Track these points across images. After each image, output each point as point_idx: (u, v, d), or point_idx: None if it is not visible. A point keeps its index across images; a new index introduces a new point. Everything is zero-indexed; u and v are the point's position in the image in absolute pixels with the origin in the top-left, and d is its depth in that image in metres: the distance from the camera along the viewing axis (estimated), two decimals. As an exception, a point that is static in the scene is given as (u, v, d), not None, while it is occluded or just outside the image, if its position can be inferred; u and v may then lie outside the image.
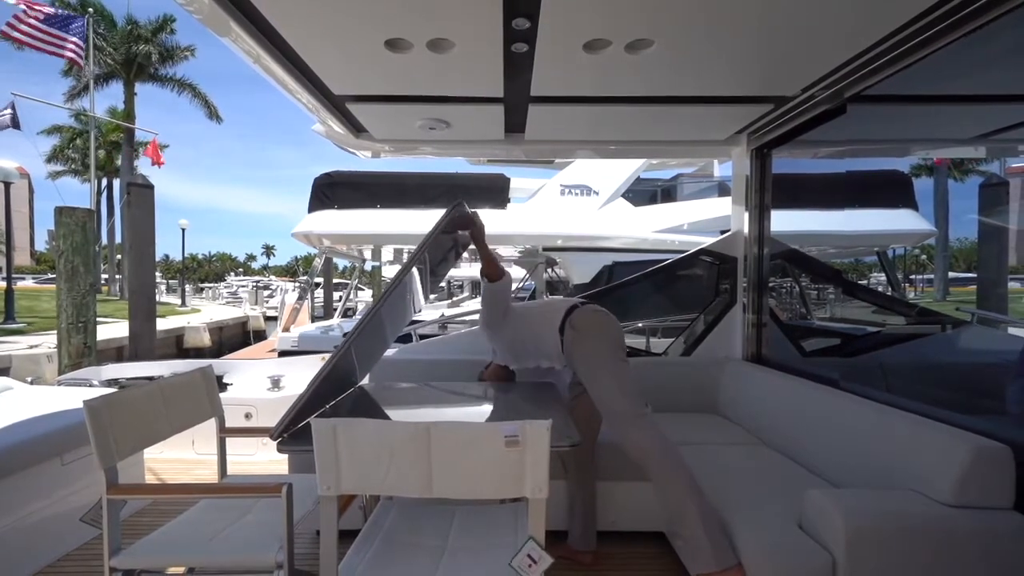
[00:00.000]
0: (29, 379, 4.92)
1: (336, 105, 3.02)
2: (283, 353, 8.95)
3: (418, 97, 2.87)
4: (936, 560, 1.69)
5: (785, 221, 3.62)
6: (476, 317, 9.14)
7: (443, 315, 11.20)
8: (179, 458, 4.02)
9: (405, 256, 17.66)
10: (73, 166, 32.74)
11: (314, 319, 12.75)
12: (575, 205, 8.85)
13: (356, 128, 3.46)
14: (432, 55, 2.30)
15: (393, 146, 3.71)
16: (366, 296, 18.35)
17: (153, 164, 24.50)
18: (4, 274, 15.50)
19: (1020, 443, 1.75)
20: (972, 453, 1.71)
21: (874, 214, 4.53)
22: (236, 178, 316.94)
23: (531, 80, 2.60)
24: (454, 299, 19.26)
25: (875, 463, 2.06)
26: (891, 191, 4.17)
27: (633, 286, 4.17)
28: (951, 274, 3.42)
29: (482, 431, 1.51)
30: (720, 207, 8.37)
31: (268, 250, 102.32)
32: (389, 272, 18.26)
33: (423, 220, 8.79)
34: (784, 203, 3.59)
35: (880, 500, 1.81)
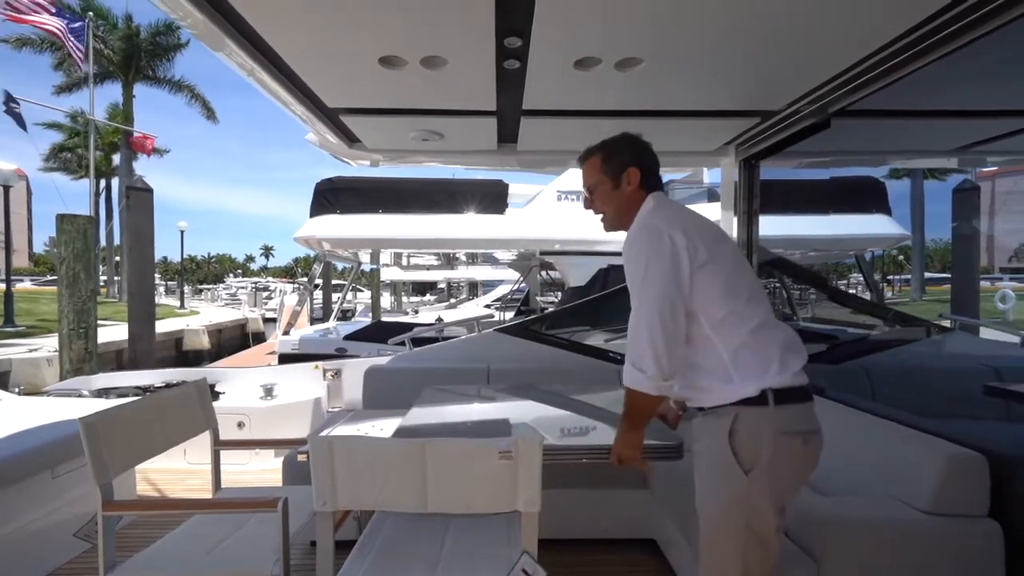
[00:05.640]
0: (17, 389, 4.94)
1: (330, 117, 3.06)
2: (283, 356, 8.98)
3: (411, 110, 2.91)
4: (915, 566, 1.75)
5: (768, 226, 3.69)
6: (474, 316, 9.16)
7: (439, 318, 11.24)
8: (171, 468, 3.99)
9: (404, 260, 17.78)
10: (68, 167, 32.69)
11: (313, 321, 12.79)
12: (572, 210, 8.96)
13: (349, 138, 3.50)
14: (425, 71, 2.34)
15: (386, 156, 3.75)
16: (364, 298, 18.40)
17: (140, 151, 24.79)
18: (3, 277, 15.51)
19: (995, 451, 1.80)
20: (947, 462, 1.77)
21: (851, 219, 4.63)
22: (236, 180, 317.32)
23: (523, 95, 2.65)
24: (452, 301, 19.35)
25: (860, 471, 2.11)
26: (867, 198, 4.25)
27: (627, 292, 4.23)
28: (926, 274, 3.50)
29: (475, 447, 1.56)
30: (710, 213, 8.44)
31: (267, 251, 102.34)
32: (387, 275, 18.37)
33: (425, 225, 8.86)
34: (767, 209, 3.65)
35: (862, 508, 1.86)
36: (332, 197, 8.87)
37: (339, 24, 1.96)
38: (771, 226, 3.87)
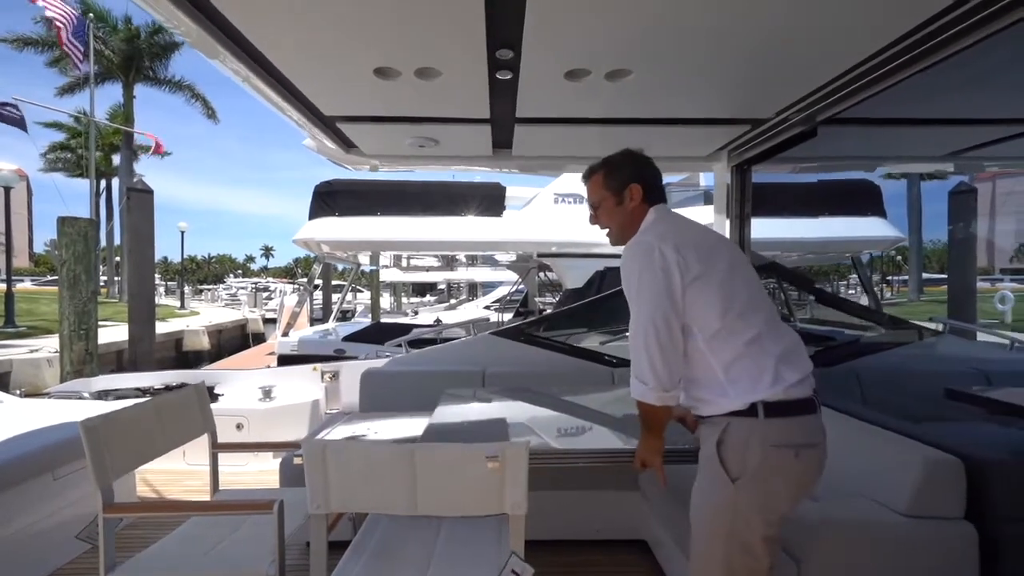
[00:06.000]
0: (18, 391, 4.99)
1: (326, 124, 3.11)
2: (282, 357, 9.03)
3: (407, 118, 2.96)
4: (893, 567, 1.80)
5: (765, 229, 3.74)
6: (471, 318, 9.20)
7: (438, 319, 11.29)
8: (170, 468, 4.01)
9: (404, 261, 17.80)
10: (67, 166, 32.75)
11: (313, 322, 12.84)
12: (568, 213, 9.04)
13: (347, 144, 3.55)
14: (420, 82, 2.39)
15: (382, 161, 3.80)
16: (364, 298, 18.47)
17: (154, 153, 24.83)
18: (4, 277, 15.57)
19: (971, 455, 1.85)
20: (925, 466, 1.82)
21: (846, 222, 4.67)
22: (237, 180, 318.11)
23: (516, 103, 2.69)
24: (452, 302, 19.41)
25: (843, 473, 2.15)
26: (862, 201, 4.29)
27: (622, 295, 4.27)
28: (925, 275, 3.54)
29: (463, 452, 1.61)
30: (705, 215, 8.53)
31: (267, 251, 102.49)
32: (387, 276, 18.41)
33: (423, 227, 8.92)
34: (764, 212, 3.70)
35: (842, 510, 1.91)
36: (330, 199, 8.92)
37: (334, 37, 2.00)
38: (768, 229, 3.91)
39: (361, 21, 1.86)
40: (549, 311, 8.06)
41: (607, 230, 1.86)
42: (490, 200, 8.93)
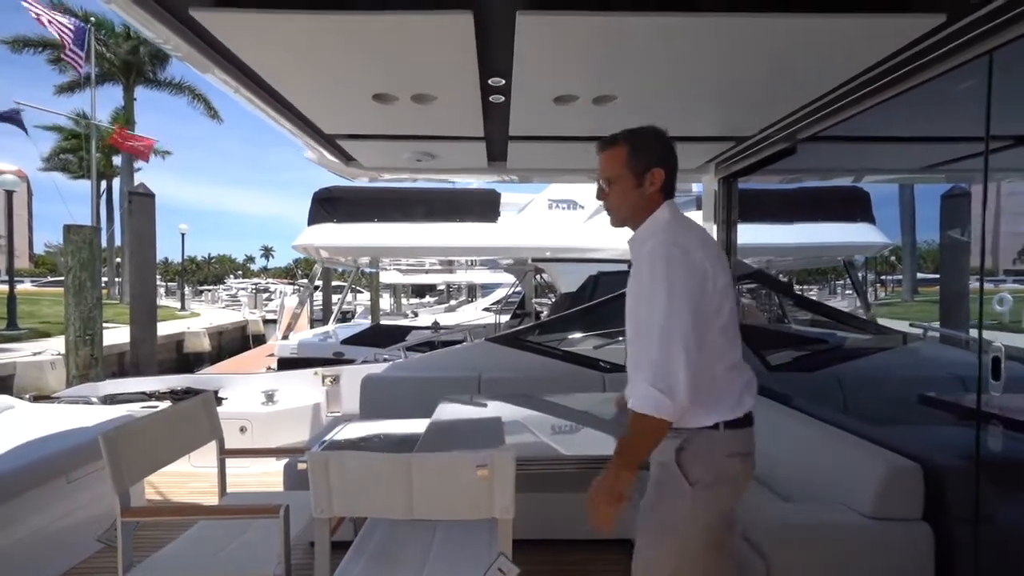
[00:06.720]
0: (28, 396, 5.10)
1: (327, 140, 3.24)
2: (282, 360, 9.15)
3: (404, 136, 3.09)
4: (856, 567, 1.93)
5: (755, 234, 3.86)
6: (472, 322, 9.26)
7: (436, 321, 11.42)
8: (176, 471, 4.06)
9: (404, 264, 17.89)
10: (68, 167, 32.82)
11: (313, 323, 12.96)
12: (563, 218, 9.14)
13: (346, 157, 3.68)
14: (417, 106, 2.52)
15: (381, 173, 3.94)
16: (365, 299, 18.60)
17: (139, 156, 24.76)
18: (6, 279, 15.66)
19: (929, 461, 1.99)
20: (887, 471, 1.96)
21: (836, 228, 4.80)
22: (238, 180, 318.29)
23: (509, 123, 2.82)
24: (452, 303, 19.54)
25: (814, 477, 2.29)
26: (851, 207, 4.41)
27: (617, 300, 4.38)
28: (920, 275, 3.65)
29: (455, 460, 1.74)
30: (698, 220, 8.55)
31: (267, 252, 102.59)
32: (387, 278, 18.53)
33: (420, 233, 9.03)
34: (754, 218, 3.83)
35: (809, 512, 2.05)
36: (329, 206, 9.00)
37: (335, 68, 2.13)
38: (760, 235, 4.04)
39: (360, 53, 1.99)
40: (541, 320, 8.19)
41: (613, 209, 1.74)
42: (485, 206, 9.02)
